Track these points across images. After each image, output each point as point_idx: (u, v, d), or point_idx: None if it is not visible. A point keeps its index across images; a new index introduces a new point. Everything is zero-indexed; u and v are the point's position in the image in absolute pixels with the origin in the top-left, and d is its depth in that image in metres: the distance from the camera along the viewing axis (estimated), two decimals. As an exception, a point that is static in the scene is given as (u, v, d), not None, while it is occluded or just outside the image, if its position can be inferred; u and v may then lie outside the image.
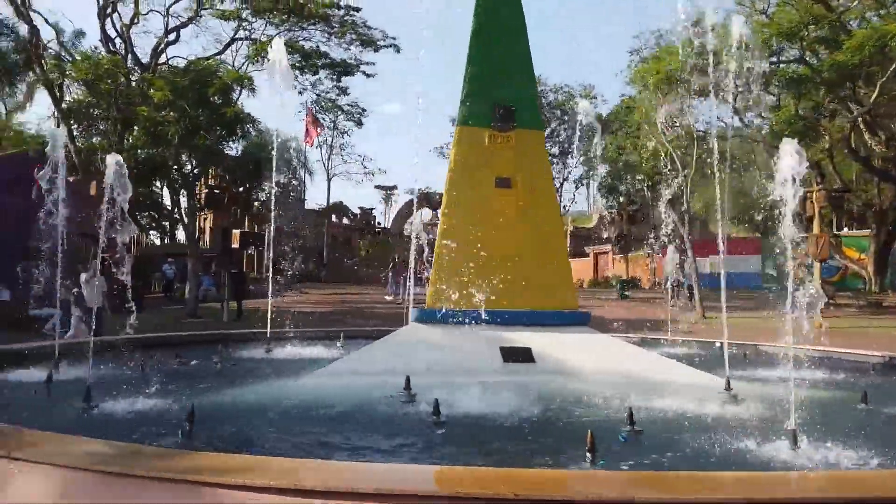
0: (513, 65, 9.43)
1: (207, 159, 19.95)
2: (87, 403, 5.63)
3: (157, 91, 18.16)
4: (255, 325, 17.93)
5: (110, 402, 5.82)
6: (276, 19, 25.94)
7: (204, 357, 9.81)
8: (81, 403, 5.62)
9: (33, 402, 6.29)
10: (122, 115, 24.35)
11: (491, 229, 8.93)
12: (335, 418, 5.83)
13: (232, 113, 18.83)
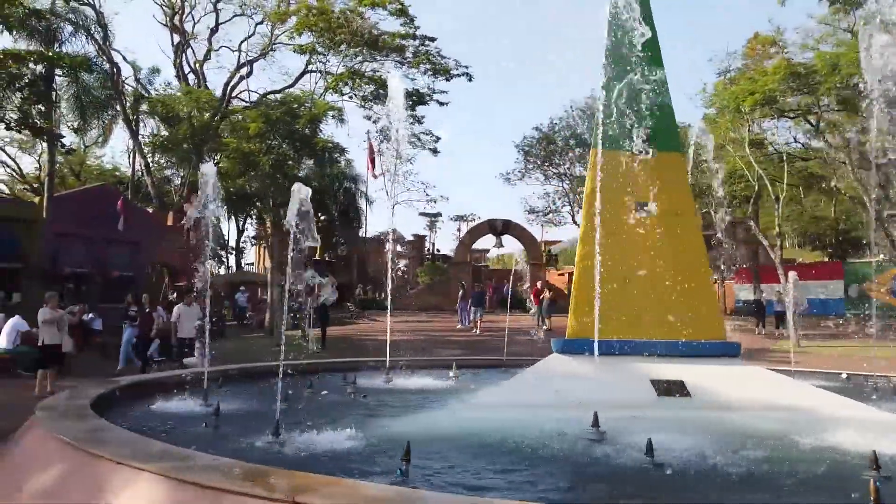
0: (649, 87, 9.17)
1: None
2: (276, 437, 5.46)
3: (253, 122, 18.51)
4: (346, 353, 17.90)
5: (293, 434, 5.64)
6: (351, 51, 26.36)
7: (330, 387, 9.70)
8: (271, 437, 5.46)
9: (215, 436, 6.16)
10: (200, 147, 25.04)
11: (632, 256, 8.62)
12: (531, 457, 5.50)
13: (322, 143, 19.03)
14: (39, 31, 23.00)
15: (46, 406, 5.97)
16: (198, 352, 12.00)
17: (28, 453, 4.94)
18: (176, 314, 12.71)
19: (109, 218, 26.18)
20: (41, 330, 10.99)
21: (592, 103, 34.06)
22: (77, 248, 25.53)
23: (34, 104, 22.19)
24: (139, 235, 27.38)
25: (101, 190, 27.64)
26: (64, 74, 24.27)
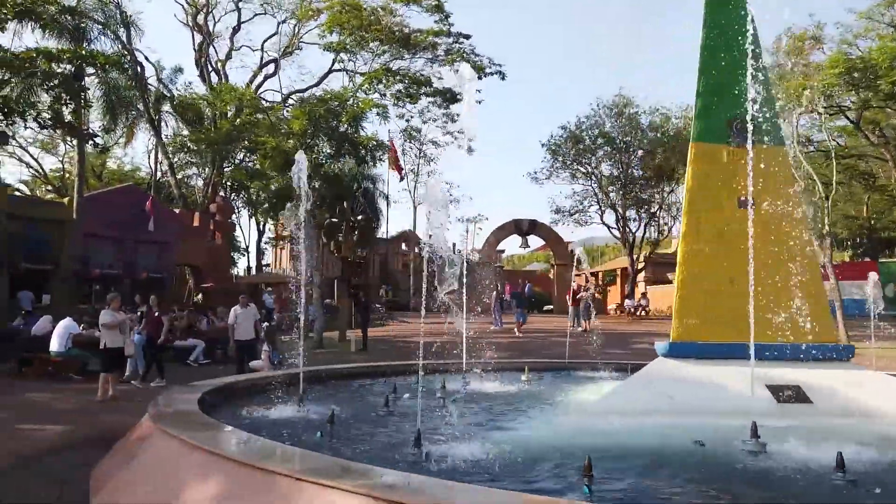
0: (747, 77, 8.77)
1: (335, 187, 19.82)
2: (418, 448, 5.08)
3: (296, 120, 18.12)
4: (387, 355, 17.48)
5: (431, 447, 5.26)
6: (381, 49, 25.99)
7: (410, 391, 9.34)
8: (413, 449, 5.08)
9: (348, 447, 5.76)
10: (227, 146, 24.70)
11: (736, 254, 8.19)
12: (706, 473, 5.10)
13: (366, 141, 18.66)
14: (69, 30, 22.72)
15: (163, 415, 5.59)
16: (264, 354, 11.65)
17: (171, 465, 4.57)
18: (233, 316, 12.35)
19: (137, 218, 25.90)
20: (103, 333, 10.64)
21: (620, 101, 33.68)
22: (106, 249, 25.26)
23: (66, 103, 21.86)
24: (167, 236, 27.09)
25: (128, 190, 27.35)
26: (94, 73, 24.00)
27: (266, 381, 9.30)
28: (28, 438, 7.72)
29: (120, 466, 5.26)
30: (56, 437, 7.80)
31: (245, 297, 12.75)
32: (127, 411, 9.58)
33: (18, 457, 6.79)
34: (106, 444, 7.50)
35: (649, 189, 34.17)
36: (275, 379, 9.39)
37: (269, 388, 9.17)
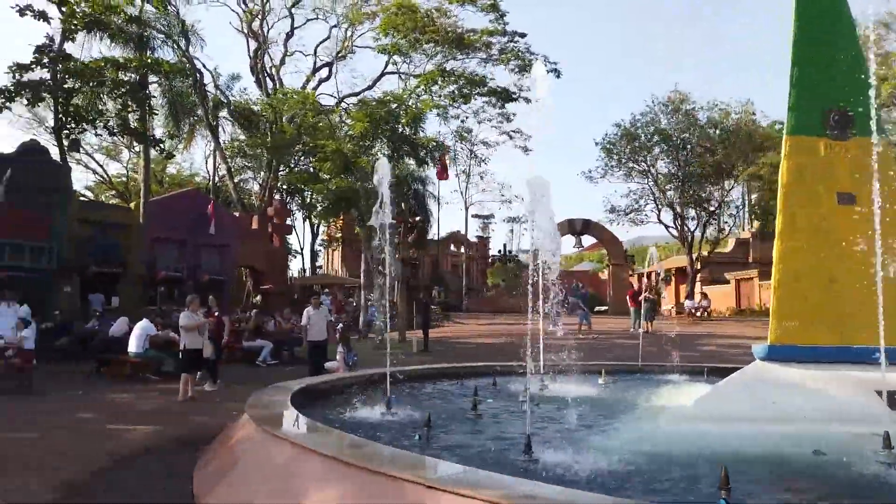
0: (844, 66, 8.34)
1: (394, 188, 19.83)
2: (529, 454, 4.94)
3: (358, 122, 18.23)
4: (447, 357, 17.40)
5: (541, 453, 5.10)
6: (436, 50, 25.98)
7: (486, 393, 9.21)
8: (524, 455, 4.94)
9: (447, 451, 5.66)
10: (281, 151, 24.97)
11: (837, 252, 7.80)
12: (822, 486, 4.81)
13: (427, 142, 18.64)
14: (133, 40, 23.38)
15: (267, 418, 5.58)
16: (339, 356, 11.68)
17: (287, 470, 4.52)
18: (305, 317, 12.45)
19: (200, 222, 26.52)
20: (182, 334, 10.84)
21: (676, 97, 32.91)
22: (170, 252, 25.91)
23: (132, 110, 22.53)
24: (227, 239, 27.65)
25: (191, 195, 28.03)
26: (157, 81, 24.70)
27: (347, 383, 9.33)
28: (121, 439, 7.86)
29: (227, 470, 5.26)
30: (147, 437, 7.92)
31: (317, 297, 12.84)
32: (208, 412, 9.73)
33: (116, 457, 6.90)
34: (196, 445, 7.59)
35: (708, 186, 33.27)
36: (358, 380, 9.42)
37: (350, 389, 9.19)
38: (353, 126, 18.36)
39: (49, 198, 21.68)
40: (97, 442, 7.60)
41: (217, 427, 8.55)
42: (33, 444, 7.51)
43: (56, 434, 8.02)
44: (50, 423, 8.77)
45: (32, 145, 22.87)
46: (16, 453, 7.00)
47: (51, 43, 20.32)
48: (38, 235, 21.51)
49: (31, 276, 21.14)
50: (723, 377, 8.39)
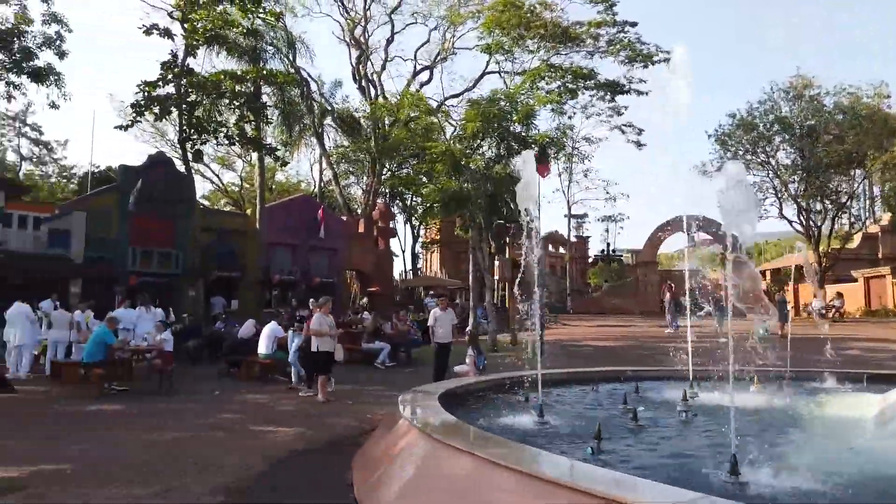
0: None
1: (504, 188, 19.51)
2: (735, 476, 4.38)
3: (469, 122, 18.00)
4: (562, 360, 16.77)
5: (749, 474, 4.52)
6: (541, 45, 25.39)
7: (637, 399, 8.61)
8: (726, 475, 4.39)
9: (636, 470, 5.19)
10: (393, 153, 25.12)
11: None
12: None
13: (541, 139, 18.18)
14: (247, 52, 24.26)
15: (434, 426, 5.30)
16: (469, 359, 11.41)
17: (469, 483, 4.20)
18: (432, 318, 12.28)
19: (310, 227, 27.27)
20: (314, 337, 10.89)
21: (798, 82, 30.63)
22: (284, 256, 26.74)
23: (249, 120, 23.37)
24: (336, 242, 28.26)
25: (302, 200, 28.82)
26: (272, 92, 25.55)
27: (483, 387, 9.01)
28: (268, 440, 7.88)
29: (394, 479, 5.02)
30: (293, 439, 7.90)
31: (445, 298, 12.63)
32: (343, 414, 9.68)
33: (270, 460, 6.87)
34: (341, 449, 7.48)
35: (836, 177, 30.72)
36: (494, 384, 9.10)
37: (488, 393, 8.86)
38: (466, 126, 18.07)
39: (174, 206, 22.89)
40: (247, 444, 7.65)
41: (357, 430, 8.46)
42: (186, 444, 7.64)
43: (206, 436, 8.16)
44: (197, 423, 8.97)
45: (159, 157, 24.28)
46: (172, 454, 7.13)
47: (175, 59, 21.39)
48: (165, 242, 22.79)
49: (159, 280, 22.41)
50: (888, 385, 7.45)
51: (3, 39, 19.11)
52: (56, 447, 7.42)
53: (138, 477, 6.17)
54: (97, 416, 9.62)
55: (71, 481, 6.02)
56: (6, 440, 7.82)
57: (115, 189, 22.12)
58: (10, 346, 13.41)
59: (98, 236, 21.10)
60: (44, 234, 20.18)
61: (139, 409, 10.09)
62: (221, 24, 20.68)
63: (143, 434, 8.18)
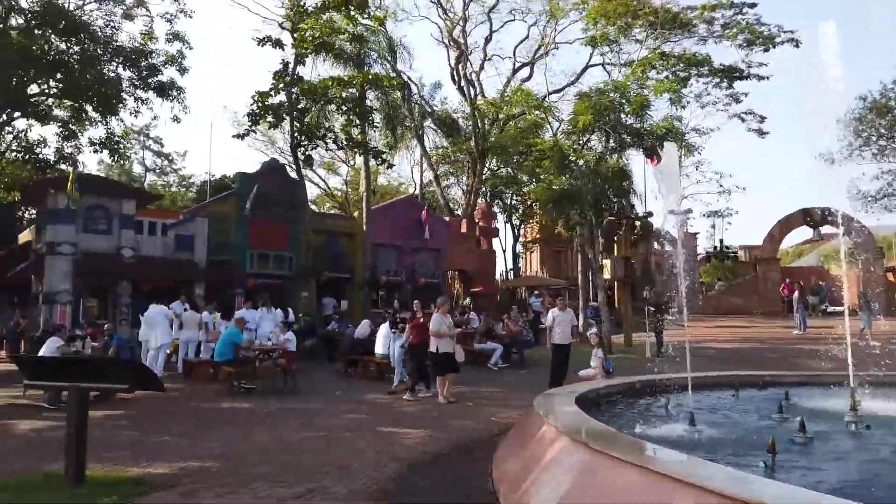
0: None
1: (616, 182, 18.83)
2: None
3: (581, 116, 17.43)
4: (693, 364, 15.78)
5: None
6: (644, 35, 24.33)
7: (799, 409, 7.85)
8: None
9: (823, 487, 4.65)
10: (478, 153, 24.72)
11: None
12: None
13: (657, 129, 17.33)
14: (352, 58, 24.72)
15: (585, 432, 4.96)
16: (596, 361, 10.95)
17: (645, 498, 3.83)
18: (550, 318, 11.92)
19: (414, 228, 27.50)
20: (433, 338, 10.81)
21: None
22: (389, 257, 27.08)
23: (355, 125, 23.83)
24: (439, 243, 28.35)
25: (406, 202, 29.11)
26: (376, 96, 25.95)
27: (615, 391, 8.55)
28: (397, 442, 7.81)
29: (548, 491, 4.71)
30: (423, 442, 7.79)
31: (562, 298, 12.22)
32: (467, 416, 9.48)
33: (405, 462, 6.76)
34: (472, 453, 7.27)
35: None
36: (626, 388, 8.63)
37: (622, 398, 8.41)
38: (577, 119, 17.47)
39: (287, 210, 23.70)
40: (377, 445, 7.59)
41: (485, 434, 8.23)
42: (319, 444, 7.68)
43: (336, 436, 8.19)
44: (326, 423, 9.06)
45: (272, 164, 25.23)
46: (307, 454, 7.16)
47: (286, 68, 22.13)
48: (279, 245, 23.62)
49: (274, 282, 23.27)
50: None
51: (131, 57, 20.36)
52: (198, 444, 7.67)
53: (279, 476, 6.22)
54: (231, 413, 9.96)
55: (216, 479, 6.15)
56: (153, 436, 8.19)
57: (234, 195, 23.15)
58: (149, 346, 14.21)
59: (219, 240, 22.14)
60: (171, 239, 21.36)
61: (268, 408, 10.36)
62: (329, 32, 21.16)
63: (276, 433, 8.33)
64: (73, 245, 19.24)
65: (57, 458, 7.00)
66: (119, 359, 12.01)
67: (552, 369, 11.97)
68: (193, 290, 20.59)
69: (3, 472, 6.42)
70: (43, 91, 19.11)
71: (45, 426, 8.98)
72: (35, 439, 8.10)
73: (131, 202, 20.73)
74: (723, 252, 41.41)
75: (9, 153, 22.14)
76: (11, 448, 7.57)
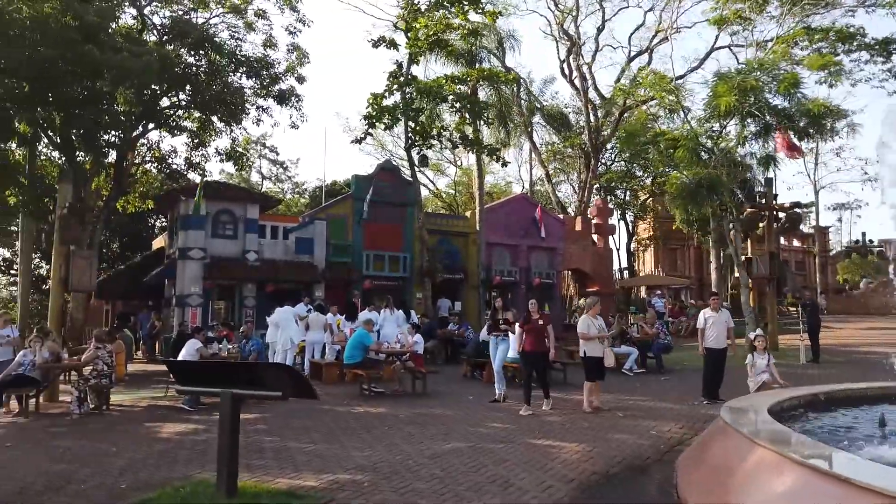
0: None
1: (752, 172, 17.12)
2: None
3: (722, 98, 15.94)
4: (854, 372, 13.98)
5: None
6: (777, 11, 22.21)
7: None
8: None
9: None
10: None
11: None
12: None
13: (817, 108, 15.54)
14: (463, 55, 24.23)
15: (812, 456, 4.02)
16: (769, 366, 9.73)
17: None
18: (701, 319, 10.76)
19: (528, 226, 26.66)
20: (581, 342, 10.01)
21: None
22: (503, 257, 26.39)
23: (468, 123, 23.34)
24: (554, 242, 27.36)
25: (520, 200, 28.33)
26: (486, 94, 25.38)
27: (798, 403, 7.38)
28: (553, 457, 7.05)
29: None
30: (581, 458, 6.98)
31: (717, 298, 11.02)
32: (623, 429, 8.57)
33: (572, 483, 6.00)
34: (646, 473, 6.41)
35: None
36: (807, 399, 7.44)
37: (807, 410, 7.25)
38: (718, 101, 15.89)
39: (402, 211, 23.59)
40: (533, 461, 6.89)
41: (650, 450, 7.33)
42: (469, 457, 7.08)
43: (485, 447, 7.57)
44: (467, 432, 8.47)
45: (387, 165, 25.22)
46: (460, 468, 6.57)
47: (399, 68, 21.97)
48: (394, 246, 23.55)
49: (389, 283, 23.20)
50: None
51: (254, 67, 20.85)
52: (343, 454, 7.27)
53: (436, 493, 5.64)
54: (366, 419, 9.57)
55: (372, 495, 5.65)
56: (292, 442, 7.90)
57: (350, 197, 23.29)
58: (278, 348, 14.28)
59: (336, 243, 22.33)
60: (291, 242, 21.75)
61: (402, 413, 9.91)
62: (443, 28, 20.78)
63: (420, 442, 7.81)
64: (203, 249, 19.94)
65: (203, 464, 6.82)
66: (273, 363, 12.04)
67: (706, 376, 10.81)
68: (313, 292, 20.84)
69: (155, 479, 6.25)
70: (173, 103, 19.92)
71: (187, 429, 8.96)
72: (180, 443, 8.02)
73: (255, 207, 21.28)
74: (865, 247, 37.60)
75: (143, 164, 23.36)
76: (159, 452, 7.49)
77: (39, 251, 24.43)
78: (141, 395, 12.20)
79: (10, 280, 29.56)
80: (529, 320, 10.13)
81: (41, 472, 6.56)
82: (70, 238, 12.38)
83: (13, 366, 10.25)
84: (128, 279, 23.78)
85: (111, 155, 18.66)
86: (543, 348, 10.05)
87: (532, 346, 10.02)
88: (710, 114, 16.92)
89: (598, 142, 30.73)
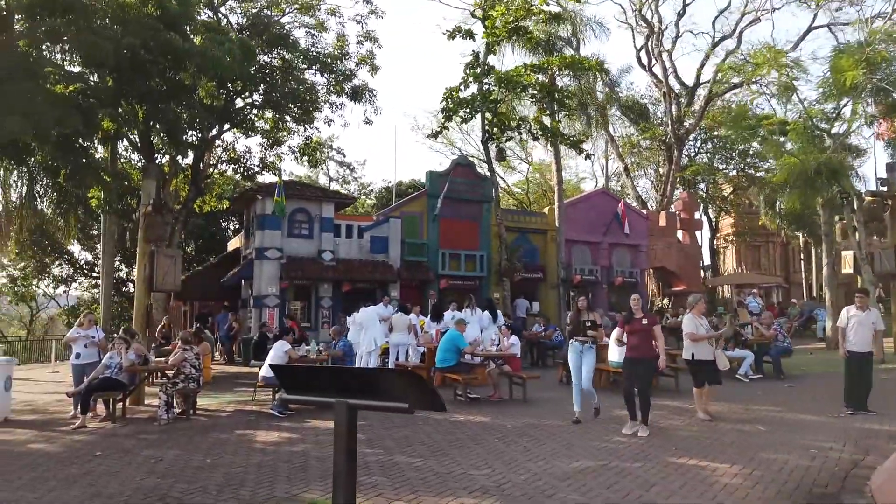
0: None
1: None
2: None
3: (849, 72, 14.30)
4: None
5: None
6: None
7: None
8: None
9: None
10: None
11: None
12: None
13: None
14: (541, 43, 23.10)
15: None
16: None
17: None
18: (844, 318, 9.43)
19: (609, 222, 25.32)
20: (687, 343, 8.92)
21: None
22: (583, 255, 25.16)
23: (548, 113, 22.29)
24: (637, 239, 25.92)
25: (599, 195, 27.01)
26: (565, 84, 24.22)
27: None
28: (708, 481, 5.98)
29: None
30: (745, 482, 5.89)
31: (864, 296, 9.66)
32: (773, 445, 7.38)
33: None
34: (831, 499, 5.26)
35: None
36: None
37: None
38: (844, 75, 14.20)
39: (477, 208, 22.71)
40: (687, 483, 5.84)
41: (825, 475, 6.13)
42: (607, 480, 6.07)
43: (619, 467, 6.57)
44: (591, 447, 7.47)
45: (462, 160, 24.37)
46: (602, 492, 5.60)
47: (476, 59, 21.12)
48: (470, 244, 22.67)
49: (466, 283, 22.34)
50: None
51: (327, 63, 20.40)
52: (456, 470, 6.42)
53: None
54: (470, 429, 8.69)
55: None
56: (399, 456, 7.10)
57: (424, 195, 22.57)
58: (361, 349, 13.63)
59: (411, 241, 21.65)
60: (366, 241, 21.19)
61: (509, 423, 8.99)
62: (524, 14, 19.82)
63: (540, 458, 6.88)
64: (279, 249, 19.60)
65: (307, 482, 6.09)
66: (398, 370, 11.34)
67: (847, 383, 9.47)
68: (389, 291, 20.22)
69: (258, 499, 5.54)
70: (247, 104, 19.70)
71: (281, 439, 8.30)
72: (276, 455, 7.34)
73: (330, 205, 20.81)
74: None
75: (219, 164, 23.33)
76: (257, 466, 6.82)
77: (120, 253, 24.74)
78: (227, 399, 11.72)
79: (92, 283, 30.22)
80: (631, 320, 8.37)
81: (135, 488, 5.97)
82: (154, 236, 12.05)
83: (100, 368, 9.88)
84: (205, 280, 23.77)
85: (190, 155, 18.56)
86: (651, 354, 8.13)
87: (636, 351, 8.22)
88: (829, 92, 15.31)
89: (680, 132, 29.08)
